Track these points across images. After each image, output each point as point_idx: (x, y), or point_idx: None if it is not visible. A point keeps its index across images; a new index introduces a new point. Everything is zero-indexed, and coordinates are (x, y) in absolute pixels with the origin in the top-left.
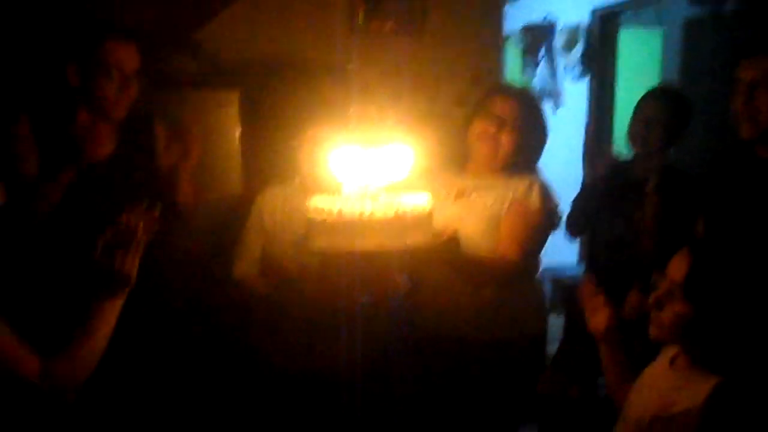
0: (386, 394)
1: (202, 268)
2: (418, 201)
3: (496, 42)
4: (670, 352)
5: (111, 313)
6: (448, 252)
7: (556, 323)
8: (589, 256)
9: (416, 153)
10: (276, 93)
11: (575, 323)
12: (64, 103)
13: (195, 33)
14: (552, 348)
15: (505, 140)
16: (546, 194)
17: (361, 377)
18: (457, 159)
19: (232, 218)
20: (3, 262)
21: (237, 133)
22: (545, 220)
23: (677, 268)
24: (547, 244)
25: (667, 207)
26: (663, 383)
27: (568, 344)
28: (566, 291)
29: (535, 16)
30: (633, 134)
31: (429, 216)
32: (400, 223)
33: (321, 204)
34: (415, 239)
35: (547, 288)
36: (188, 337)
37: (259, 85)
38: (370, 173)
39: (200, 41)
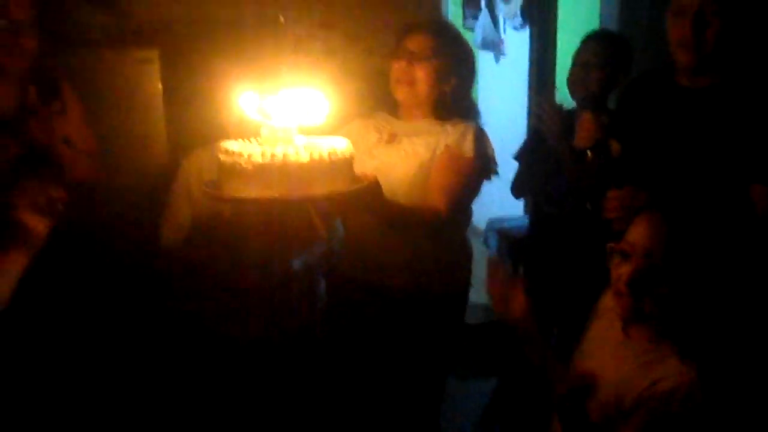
0: (315, 347)
1: (130, 239)
2: (336, 145)
3: None
4: (611, 318)
5: (14, 263)
6: (368, 199)
7: None
8: (533, 208)
9: (345, 100)
10: (201, 50)
11: (521, 274)
12: None
13: None
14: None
15: (420, 75)
16: (481, 140)
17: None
18: (392, 107)
19: (160, 186)
20: None
21: (159, 95)
22: (478, 167)
23: (643, 234)
24: (492, 196)
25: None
26: (631, 357)
27: None
28: (512, 242)
29: None
30: (573, 80)
31: (348, 161)
32: (315, 168)
33: (231, 146)
34: (332, 185)
35: (493, 239)
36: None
37: (183, 42)
38: (287, 117)
39: None
